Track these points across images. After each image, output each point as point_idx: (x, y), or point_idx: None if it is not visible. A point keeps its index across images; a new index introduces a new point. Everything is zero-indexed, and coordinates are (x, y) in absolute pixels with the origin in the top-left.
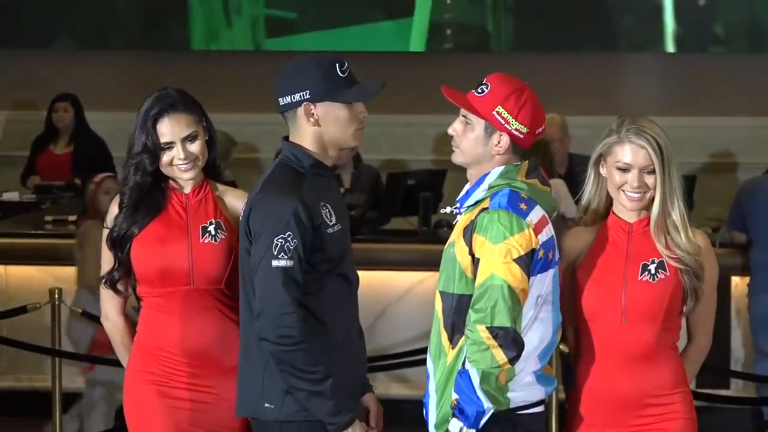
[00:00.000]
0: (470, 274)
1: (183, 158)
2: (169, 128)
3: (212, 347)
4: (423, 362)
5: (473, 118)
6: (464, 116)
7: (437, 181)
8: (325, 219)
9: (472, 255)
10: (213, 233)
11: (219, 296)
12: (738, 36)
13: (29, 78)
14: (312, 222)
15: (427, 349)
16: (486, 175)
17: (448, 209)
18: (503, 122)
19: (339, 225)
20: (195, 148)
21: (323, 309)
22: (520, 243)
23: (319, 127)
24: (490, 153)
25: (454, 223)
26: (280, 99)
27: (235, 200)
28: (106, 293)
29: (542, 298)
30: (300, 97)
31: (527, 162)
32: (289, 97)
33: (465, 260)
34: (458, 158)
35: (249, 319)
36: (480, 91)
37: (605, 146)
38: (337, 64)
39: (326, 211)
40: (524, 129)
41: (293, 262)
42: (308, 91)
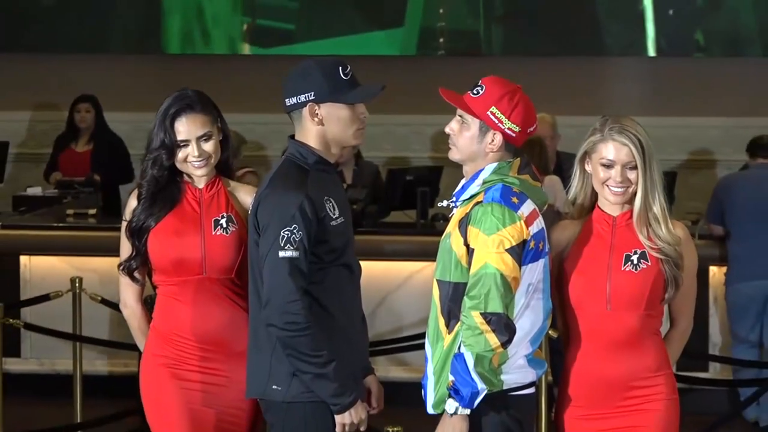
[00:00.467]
0: (465, 264)
1: (197, 156)
2: (186, 127)
3: (223, 333)
4: (421, 346)
5: (469, 118)
6: (460, 116)
7: (434, 177)
8: (329, 212)
9: (467, 245)
10: (225, 226)
11: (230, 285)
12: (715, 41)
13: (52, 80)
14: (317, 215)
15: (425, 334)
16: (480, 171)
17: (445, 203)
18: (497, 121)
19: (342, 218)
20: (209, 147)
21: (327, 297)
22: (512, 234)
23: (323, 127)
24: (485, 150)
25: (450, 216)
26: (287, 100)
27: (246, 195)
28: (125, 281)
29: (533, 287)
30: (305, 98)
31: (519, 159)
32: (295, 98)
33: (460, 250)
34: (454, 155)
35: (258, 307)
36: (475, 93)
37: (590, 144)
38: (340, 67)
39: (330, 205)
40: (516, 128)
41: (299, 253)
42: (313, 93)
